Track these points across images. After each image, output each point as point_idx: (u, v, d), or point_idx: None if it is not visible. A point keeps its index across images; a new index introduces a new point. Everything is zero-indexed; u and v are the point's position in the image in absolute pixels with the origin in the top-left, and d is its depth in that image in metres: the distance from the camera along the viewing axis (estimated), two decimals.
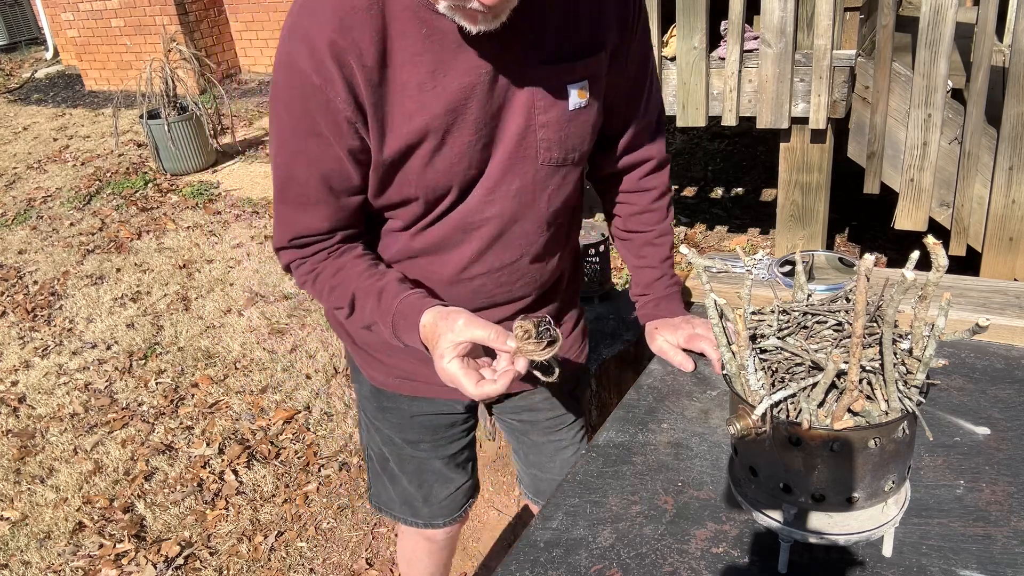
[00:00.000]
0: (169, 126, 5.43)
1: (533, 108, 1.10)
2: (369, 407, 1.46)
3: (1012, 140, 2.71)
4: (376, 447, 1.51)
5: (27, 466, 2.87)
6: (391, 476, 1.52)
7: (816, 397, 0.84)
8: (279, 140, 1.11)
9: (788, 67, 2.98)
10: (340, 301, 1.17)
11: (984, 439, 1.11)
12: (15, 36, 10.89)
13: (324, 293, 1.18)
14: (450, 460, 1.50)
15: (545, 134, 1.13)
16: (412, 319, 1.10)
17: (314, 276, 1.18)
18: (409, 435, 1.44)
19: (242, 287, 4.04)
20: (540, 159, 1.15)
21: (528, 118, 1.11)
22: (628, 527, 1.02)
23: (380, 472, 1.54)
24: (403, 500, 1.53)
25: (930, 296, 0.81)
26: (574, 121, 1.15)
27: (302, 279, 1.20)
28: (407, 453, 1.47)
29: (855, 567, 0.93)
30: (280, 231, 1.18)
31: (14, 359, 3.60)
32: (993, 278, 1.92)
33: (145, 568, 2.37)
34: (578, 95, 1.14)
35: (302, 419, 3.00)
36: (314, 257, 1.18)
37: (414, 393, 1.38)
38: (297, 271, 1.20)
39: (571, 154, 1.19)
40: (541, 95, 1.10)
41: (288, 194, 1.14)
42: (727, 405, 1.24)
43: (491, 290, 1.26)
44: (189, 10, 7.73)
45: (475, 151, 1.10)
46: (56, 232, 4.96)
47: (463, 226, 1.17)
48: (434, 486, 1.51)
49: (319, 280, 1.18)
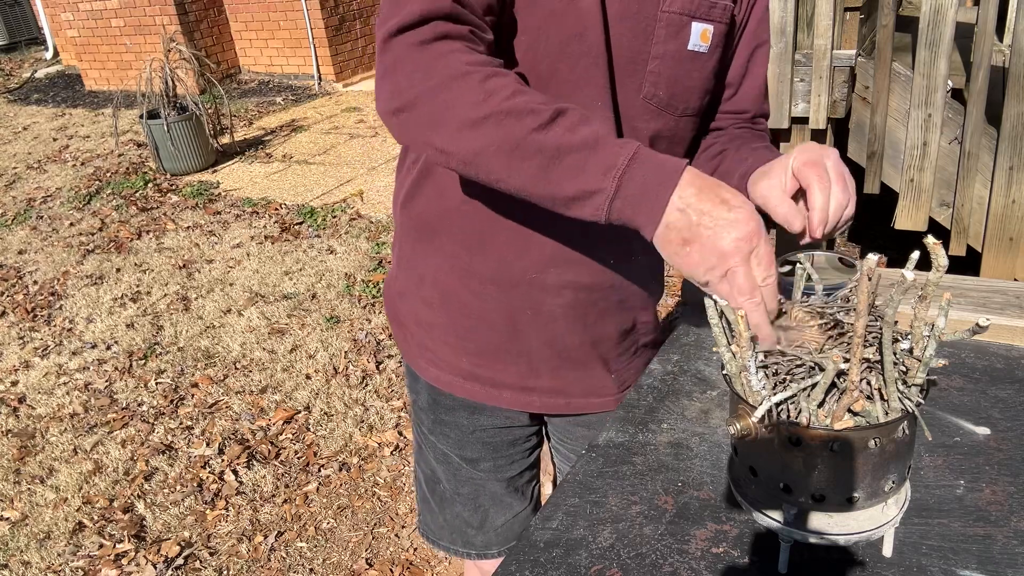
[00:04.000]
0: (169, 126, 5.43)
1: (656, 31, 0.95)
2: (425, 420, 1.32)
3: (1012, 140, 2.71)
4: (427, 466, 1.38)
5: (27, 466, 2.87)
6: (441, 500, 1.38)
7: (816, 397, 0.84)
8: None
9: (788, 67, 2.98)
10: (532, 105, 0.82)
11: (984, 439, 1.11)
12: (15, 36, 10.89)
13: (499, 92, 0.82)
14: (510, 483, 1.36)
15: (657, 66, 0.98)
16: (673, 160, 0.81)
17: (492, 70, 0.84)
18: (468, 452, 1.30)
19: (242, 287, 4.04)
20: (644, 92, 1.00)
21: (646, 42, 0.96)
22: (628, 527, 1.01)
23: (428, 496, 1.40)
24: (453, 528, 1.39)
25: (930, 296, 0.81)
26: (691, 64, 0.99)
27: (462, 66, 0.83)
28: (464, 474, 1.33)
29: (855, 567, 0.93)
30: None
31: (14, 359, 3.60)
32: (993, 278, 1.92)
33: (145, 568, 2.37)
34: (700, 37, 0.98)
35: (302, 419, 3.00)
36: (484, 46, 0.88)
37: (468, 396, 1.24)
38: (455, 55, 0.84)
39: (677, 101, 1.02)
40: (666, 21, 0.95)
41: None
42: (727, 405, 1.24)
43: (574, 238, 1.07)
44: (189, 10, 7.73)
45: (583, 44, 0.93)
46: (56, 232, 4.96)
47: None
48: (490, 511, 1.36)
49: (499, 77, 0.83)
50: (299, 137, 6.39)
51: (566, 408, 1.28)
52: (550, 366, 1.21)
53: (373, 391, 3.12)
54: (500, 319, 1.16)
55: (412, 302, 1.23)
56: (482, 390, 1.23)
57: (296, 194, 5.21)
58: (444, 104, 0.83)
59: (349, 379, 3.20)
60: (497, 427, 1.29)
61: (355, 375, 3.22)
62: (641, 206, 0.79)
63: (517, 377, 1.22)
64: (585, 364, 1.24)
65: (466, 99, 0.82)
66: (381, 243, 4.36)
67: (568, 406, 1.27)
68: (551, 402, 1.26)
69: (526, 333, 1.17)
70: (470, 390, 1.24)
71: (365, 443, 2.83)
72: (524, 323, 1.16)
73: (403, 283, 1.24)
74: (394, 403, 3.03)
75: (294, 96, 7.68)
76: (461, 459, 1.32)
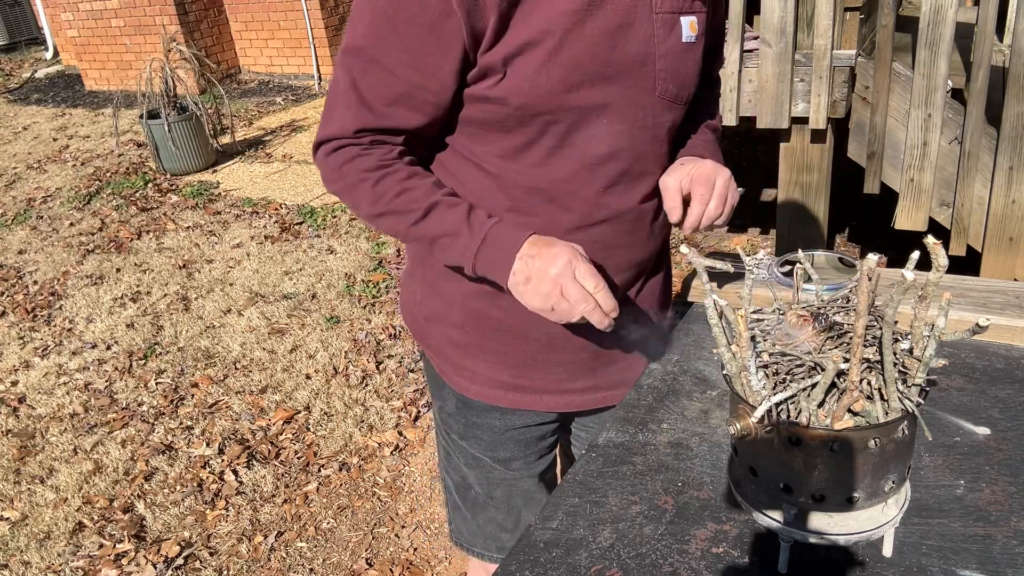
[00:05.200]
0: (169, 126, 5.43)
1: (654, 35, 1.05)
2: (455, 425, 1.34)
3: (1012, 140, 2.71)
4: (457, 473, 1.39)
5: (27, 466, 2.87)
6: (473, 506, 1.40)
7: (816, 397, 0.84)
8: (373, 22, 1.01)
9: (788, 67, 2.98)
10: (411, 205, 1.06)
11: (984, 439, 1.11)
12: (15, 36, 10.89)
13: (386, 194, 1.07)
14: (540, 477, 1.39)
15: (664, 64, 1.07)
16: (515, 234, 1.04)
17: (382, 173, 1.07)
18: (501, 452, 1.33)
19: (242, 287, 4.04)
20: (658, 90, 1.09)
21: (649, 44, 1.05)
22: (628, 527, 1.01)
23: (459, 503, 1.42)
24: (486, 533, 1.40)
25: (930, 296, 0.81)
26: (686, 55, 1.10)
27: (358, 175, 1.07)
28: (497, 475, 1.35)
29: (855, 567, 0.93)
30: (342, 119, 1.07)
31: (14, 359, 3.60)
32: (993, 278, 1.92)
33: (145, 568, 2.37)
34: (690, 28, 1.09)
35: (302, 419, 3.00)
36: (381, 151, 1.08)
37: (511, 405, 1.28)
38: (353, 163, 1.08)
39: (683, 91, 1.12)
40: (661, 21, 1.05)
41: (368, 80, 1.03)
42: (727, 405, 1.24)
43: (612, 240, 1.16)
44: (189, 10, 7.73)
45: (592, 65, 1.02)
46: (56, 232, 4.96)
47: (586, 158, 1.09)
48: (523, 510, 1.38)
49: (387, 179, 1.07)
50: (299, 137, 6.39)
51: (601, 402, 1.32)
52: (586, 368, 1.27)
53: (373, 391, 3.12)
54: (536, 333, 1.22)
55: (443, 326, 1.27)
56: (523, 398, 1.28)
57: (296, 194, 5.21)
58: (351, 203, 1.12)
59: (349, 379, 3.20)
60: (528, 425, 1.32)
61: (355, 375, 3.22)
62: (495, 269, 1.06)
63: (555, 382, 1.27)
64: (617, 359, 1.30)
65: (364, 201, 1.09)
66: (381, 243, 4.36)
67: (603, 399, 1.33)
68: (588, 399, 1.31)
69: (562, 343, 1.24)
70: (512, 399, 1.28)
71: (365, 443, 2.83)
72: (559, 334, 1.22)
73: (431, 308, 1.27)
74: (394, 403, 3.03)
75: (294, 96, 7.68)
76: (494, 461, 1.34)
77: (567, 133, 1.07)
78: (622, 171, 1.12)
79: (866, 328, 0.83)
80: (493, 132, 1.08)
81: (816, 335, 0.91)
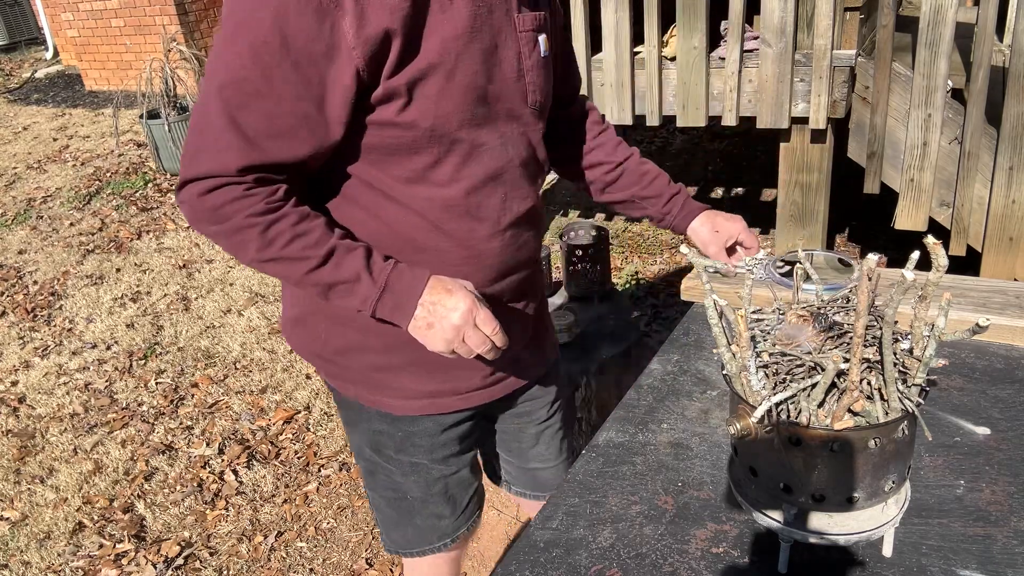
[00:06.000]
0: (169, 126, 5.43)
1: (520, 51, 1.14)
2: (389, 443, 1.36)
3: (1012, 140, 2.71)
4: (387, 489, 1.42)
5: (27, 466, 2.87)
6: (409, 512, 1.44)
7: (816, 397, 0.84)
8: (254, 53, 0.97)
9: (788, 67, 2.98)
10: (305, 252, 1.05)
11: (984, 439, 1.11)
12: (15, 36, 10.89)
13: (276, 241, 1.04)
14: (472, 463, 1.46)
15: (531, 77, 1.17)
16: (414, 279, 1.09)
17: (272, 218, 1.03)
18: (439, 453, 1.37)
19: (242, 287, 4.04)
20: (529, 101, 1.18)
21: (519, 60, 1.14)
22: (628, 527, 1.01)
23: (392, 516, 1.46)
24: (425, 529, 1.45)
25: (930, 296, 0.81)
26: (546, 69, 1.20)
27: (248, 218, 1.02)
28: (435, 474, 1.39)
29: (855, 567, 0.93)
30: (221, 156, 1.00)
31: (14, 359, 3.60)
32: (993, 278, 1.92)
33: (145, 568, 2.38)
34: (544, 43, 1.18)
35: (302, 419, 3.00)
36: (266, 191, 1.03)
37: (441, 411, 1.32)
38: (234, 204, 1.02)
39: (547, 102, 1.23)
40: (525, 38, 1.14)
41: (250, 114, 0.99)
42: (727, 405, 1.24)
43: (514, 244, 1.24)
44: (189, 10, 7.73)
45: (482, 83, 1.09)
46: (56, 232, 4.96)
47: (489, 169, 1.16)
48: (459, 495, 1.45)
49: (277, 224, 1.04)
50: None
51: (521, 381, 1.40)
52: (507, 358, 1.29)
53: None
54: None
55: (361, 354, 1.27)
56: (452, 401, 1.31)
57: None
58: (231, 247, 1.07)
59: None
60: (459, 422, 1.36)
61: None
62: (395, 314, 1.10)
63: (482, 378, 1.33)
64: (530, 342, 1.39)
65: (251, 247, 1.05)
66: None
67: (524, 379, 1.41)
68: (510, 383, 1.38)
69: None
70: (442, 404, 1.31)
71: None
72: None
73: (343, 342, 1.27)
74: None
75: None
76: (432, 462, 1.38)
77: (471, 149, 1.12)
78: (516, 178, 1.20)
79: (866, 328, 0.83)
80: (400, 156, 1.09)
81: (816, 335, 0.91)
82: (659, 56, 3.18)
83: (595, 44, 3.31)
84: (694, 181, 4.86)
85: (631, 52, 3.23)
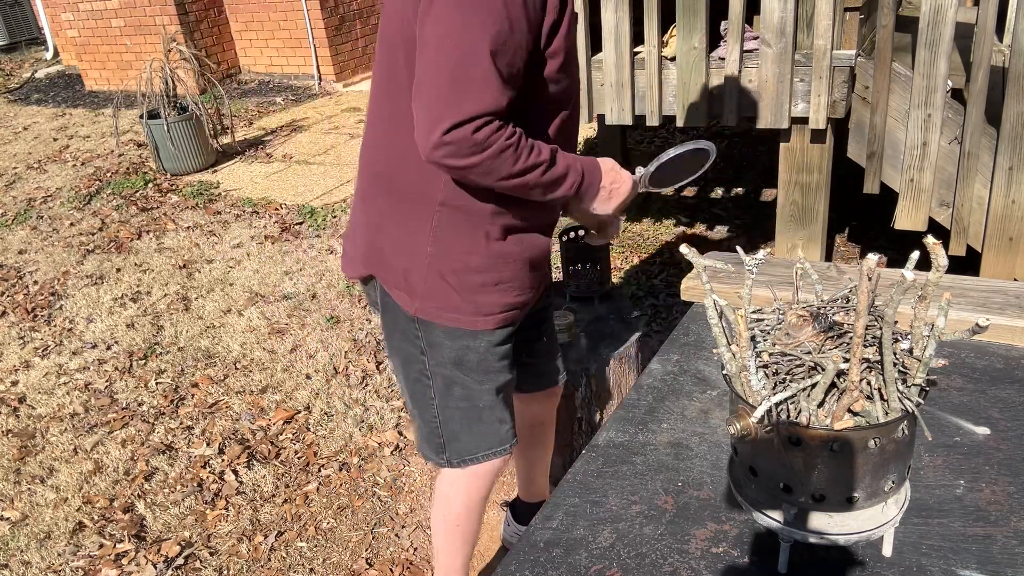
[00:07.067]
0: (169, 126, 5.43)
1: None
2: (473, 356, 1.55)
3: (1012, 140, 2.71)
4: (461, 401, 1.61)
5: (27, 466, 2.87)
6: (480, 419, 1.63)
7: (816, 397, 0.84)
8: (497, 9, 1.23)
9: (788, 67, 2.98)
10: (541, 157, 1.35)
11: (984, 439, 1.11)
12: (15, 36, 10.89)
13: (525, 152, 1.33)
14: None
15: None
16: (594, 160, 1.49)
17: (518, 137, 1.32)
18: (506, 360, 1.60)
19: (242, 287, 4.04)
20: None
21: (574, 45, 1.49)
22: (628, 527, 1.01)
23: (468, 427, 1.63)
24: (493, 434, 1.64)
25: (930, 296, 0.81)
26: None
27: (506, 141, 1.30)
28: (502, 380, 1.61)
29: (855, 567, 0.93)
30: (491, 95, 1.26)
31: (14, 359, 3.60)
32: (993, 278, 1.92)
33: (145, 568, 2.38)
34: None
35: (302, 419, 3.00)
36: (505, 120, 1.31)
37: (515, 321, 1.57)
38: (499, 133, 1.29)
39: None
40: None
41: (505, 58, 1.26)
42: (727, 405, 1.24)
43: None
44: (189, 10, 7.73)
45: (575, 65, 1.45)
46: (56, 232, 4.96)
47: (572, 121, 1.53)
48: (511, 402, 1.68)
49: (522, 140, 1.33)
50: (299, 137, 6.39)
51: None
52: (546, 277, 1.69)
53: (373, 391, 3.12)
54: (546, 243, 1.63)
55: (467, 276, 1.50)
56: (518, 314, 1.58)
57: (296, 194, 5.21)
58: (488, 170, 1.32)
59: (349, 379, 3.20)
60: (515, 331, 1.60)
61: (355, 375, 3.22)
62: (589, 191, 1.50)
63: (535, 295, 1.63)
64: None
65: (506, 164, 1.32)
66: None
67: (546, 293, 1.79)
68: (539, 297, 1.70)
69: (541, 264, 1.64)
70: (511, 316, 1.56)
71: (365, 443, 2.84)
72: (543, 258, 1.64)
73: (490, 275, 1.52)
74: (394, 403, 3.03)
75: (294, 96, 7.68)
76: (501, 370, 1.60)
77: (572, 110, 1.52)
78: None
79: (866, 328, 0.83)
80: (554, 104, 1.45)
81: (816, 335, 0.91)
82: (659, 56, 3.18)
83: (595, 44, 3.31)
84: (694, 181, 4.86)
85: (631, 52, 3.23)
